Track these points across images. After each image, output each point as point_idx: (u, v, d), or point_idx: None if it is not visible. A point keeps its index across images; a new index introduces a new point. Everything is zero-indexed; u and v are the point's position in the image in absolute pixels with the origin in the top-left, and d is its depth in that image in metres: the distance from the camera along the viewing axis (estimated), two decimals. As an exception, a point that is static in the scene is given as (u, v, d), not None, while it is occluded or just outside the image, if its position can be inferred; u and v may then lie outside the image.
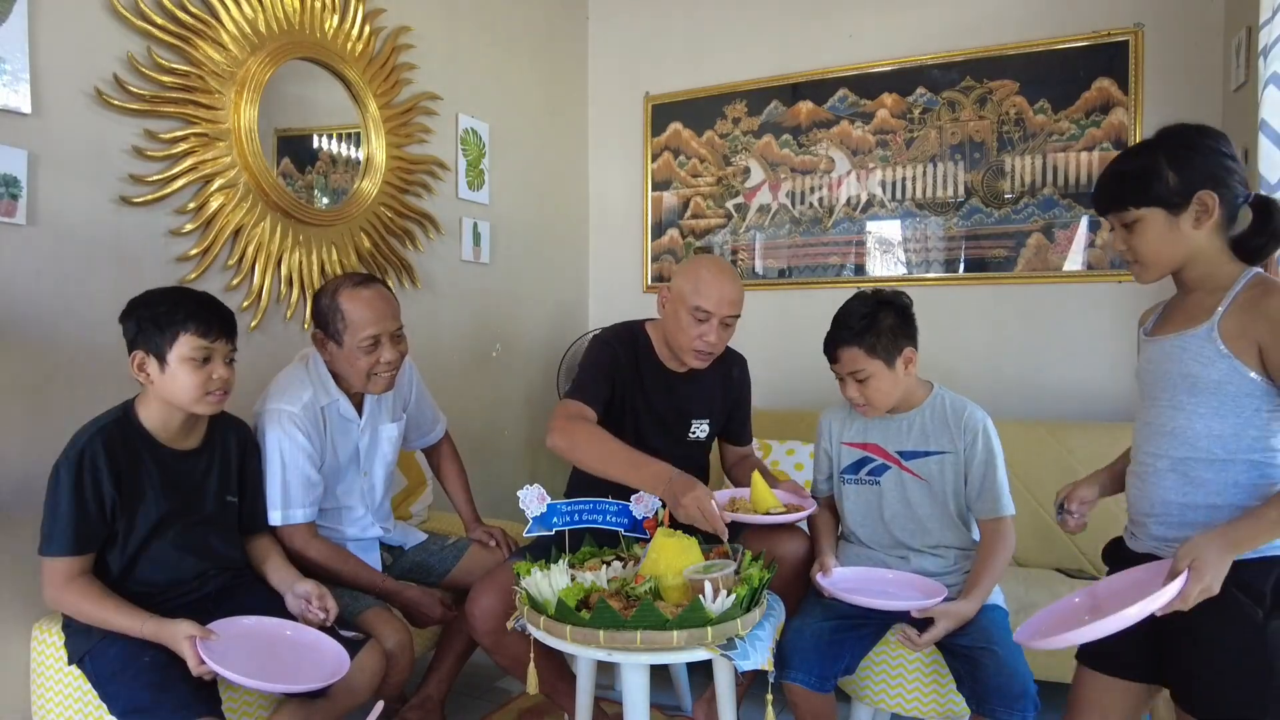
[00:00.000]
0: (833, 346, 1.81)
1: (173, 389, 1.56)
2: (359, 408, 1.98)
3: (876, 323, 1.75)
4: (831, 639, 1.69)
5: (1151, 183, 1.29)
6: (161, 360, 1.55)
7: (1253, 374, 1.25)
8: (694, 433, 2.07)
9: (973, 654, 1.62)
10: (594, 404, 1.89)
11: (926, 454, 1.82)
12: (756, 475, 1.92)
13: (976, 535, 1.83)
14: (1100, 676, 1.44)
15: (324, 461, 1.89)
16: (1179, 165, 1.28)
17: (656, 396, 2.03)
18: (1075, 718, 1.47)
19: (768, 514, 1.85)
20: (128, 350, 1.57)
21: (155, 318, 1.55)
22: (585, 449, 1.79)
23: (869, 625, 1.74)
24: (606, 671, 2.25)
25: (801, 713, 1.69)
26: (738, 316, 1.94)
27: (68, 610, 1.53)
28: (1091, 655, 1.46)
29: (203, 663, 1.41)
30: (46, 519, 1.51)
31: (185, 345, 1.54)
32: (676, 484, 1.64)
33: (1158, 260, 1.33)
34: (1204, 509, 1.31)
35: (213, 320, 1.58)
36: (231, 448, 1.73)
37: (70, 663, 1.56)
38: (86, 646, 1.53)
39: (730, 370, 2.13)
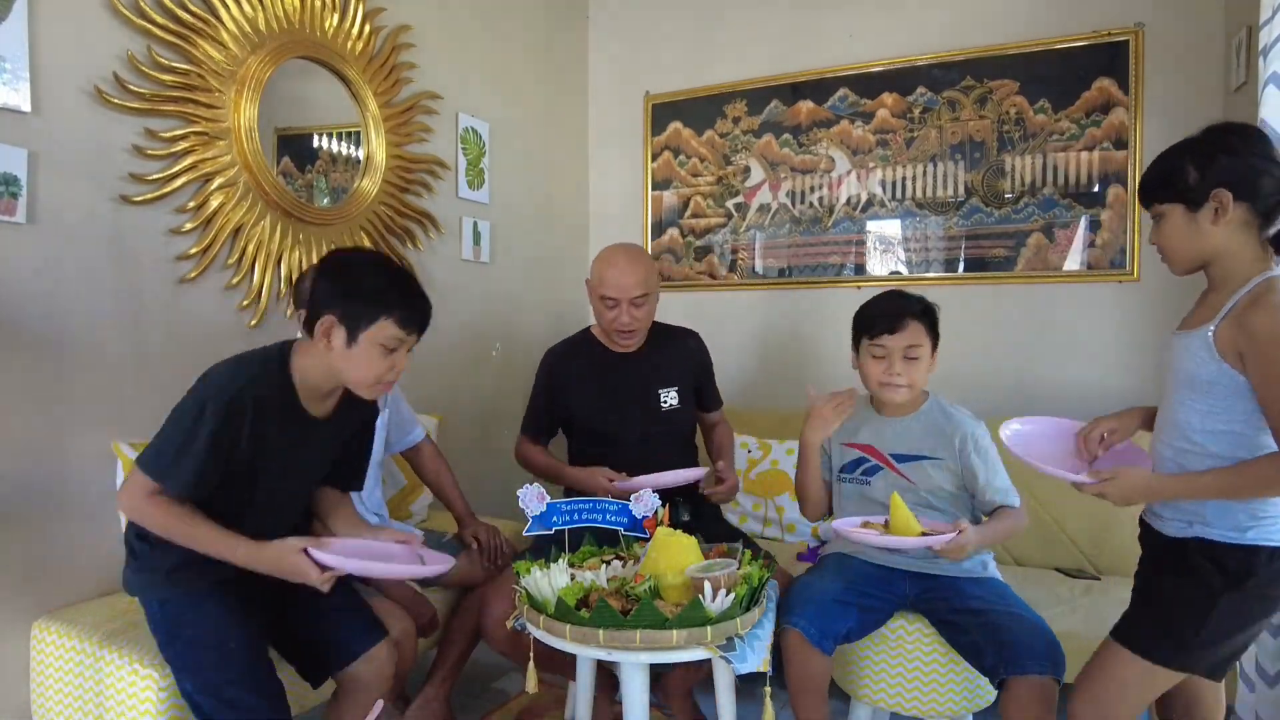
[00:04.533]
0: (897, 318, 1.81)
1: (349, 367, 1.48)
2: None
3: (928, 309, 1.85)
4: (839, 599, 1.71)
5: (1174, 179, 1.34)
6: (353, 336, 1.45)
7: (1240, 376, 1.30)
8: (665, 401, 2.18)
9: (991, 618, 1.63)
10: (537, 435, 2.24)
11: (918, 458, 1.84)
12: (896, 498, 1.75)
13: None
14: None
15: None
16: (1202, 164, 1.32)
17: (612, 379, 2.18)
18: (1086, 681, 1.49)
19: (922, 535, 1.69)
20: (312, 307, 1.47)
21: (364, 292, 1.46)
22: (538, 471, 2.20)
23: (878, 601, 1.77)
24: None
25: (794, 669, 1.67)
26: (646, 294, 2.07)
27: (147, 523, 1.44)
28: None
29: (324, 570, 1.41)
30: (170, 448, 1.41)
31: (383, 330, 1.46)
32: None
33: (1178, 254, 1.38)
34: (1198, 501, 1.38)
35: (416, 315, 1.50)
36: (355, 424, 1.69)
37: (131, 593, 1.55)
38: (159, 592, 1.50)
39: (687, 342, 2.30)
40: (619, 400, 2.16)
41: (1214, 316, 1.33)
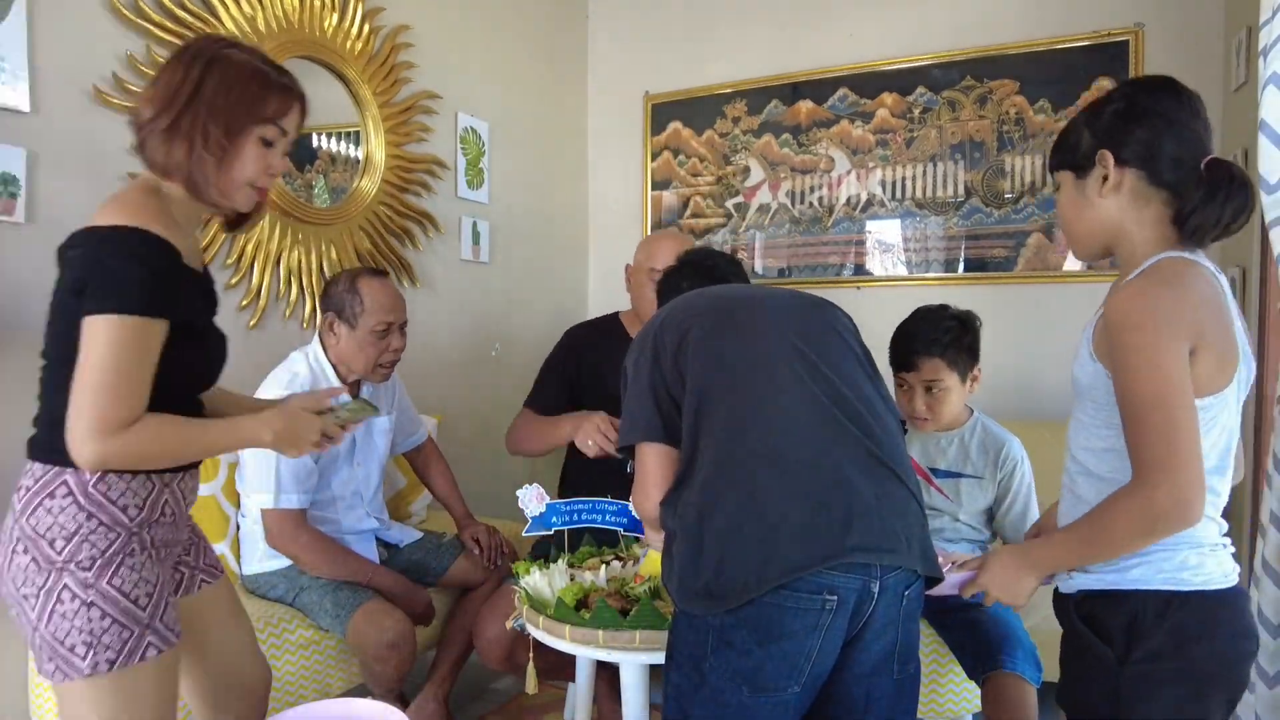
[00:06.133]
0: (912, 355, 1.76)
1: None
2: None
3: (959, 336, 1.76)
4: None
5: (1066, 140, 1.12)
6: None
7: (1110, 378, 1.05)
8: None
9: (972, 616, 1.67)
10: (541, 409, 2.16)
11: (959, 475, 1.82)
12: None
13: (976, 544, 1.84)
14: None
15: (321, 453, 1.89)
16: (1093, 125, 1.08)
17: None
18: None
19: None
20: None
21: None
22: (519, 439, 2.18)
23: None
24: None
25: None
26: None
27: None
28: None
29: None
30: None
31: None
32: (579, 418, 2.02)
33: (1070, 230, 1.14)
34: None
35: None
36: None
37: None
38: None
39: None
40: None
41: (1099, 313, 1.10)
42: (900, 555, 1.08)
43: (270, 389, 1.85)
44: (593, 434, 1.91)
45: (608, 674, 1.92)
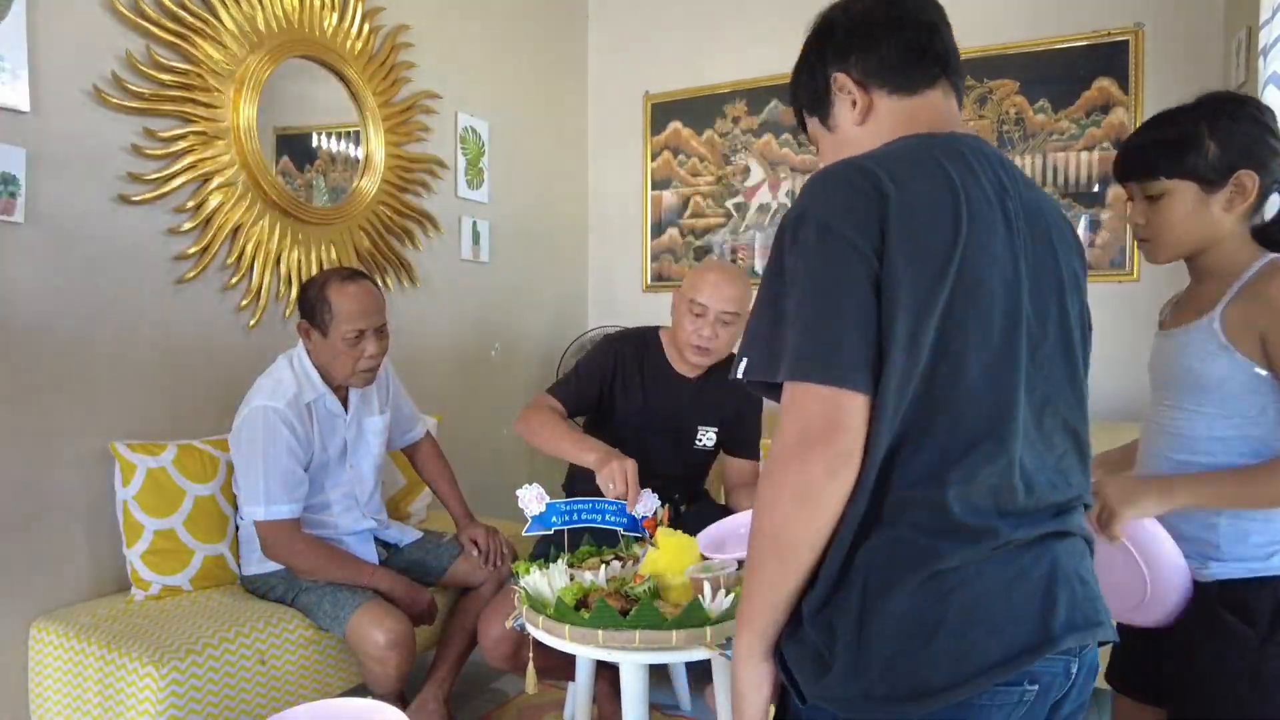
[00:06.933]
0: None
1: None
2: (344, 402, 1.98)
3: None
4: None
5: (1189, 153, 1.14)
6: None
7: (1257, 369, 1.10)
8: (700, 441, 2.07)
9: None
10: (565, 403, 2.01)
11: None
12: None
13: None
14: (1129, 702, 1.32)
15: (313, 457, 1.90)
16: (1222, 138, 1.12)
17: (660, 397, 2.03)
18: None
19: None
20: None
21: None
22: (539, 431, 1.92)
23: None
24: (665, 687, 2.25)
25: None
26: (737, 314, 1.95)
27: None
28: (1122, 680, 1.33)
29: None
30: None
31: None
32: (610, 454, 1.77)
33: (1177, 240, 1.17)
34: (1199, 523, 1.15)
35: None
36: None
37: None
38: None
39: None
40: (656, 427, 2.02)
41: (1213, 306, 1.14)
42: (1106, 628, 0.84)
43: (258, 397, 1.85)
44: (617, 478, 1.73)
45: (608, 674, 1.92)
